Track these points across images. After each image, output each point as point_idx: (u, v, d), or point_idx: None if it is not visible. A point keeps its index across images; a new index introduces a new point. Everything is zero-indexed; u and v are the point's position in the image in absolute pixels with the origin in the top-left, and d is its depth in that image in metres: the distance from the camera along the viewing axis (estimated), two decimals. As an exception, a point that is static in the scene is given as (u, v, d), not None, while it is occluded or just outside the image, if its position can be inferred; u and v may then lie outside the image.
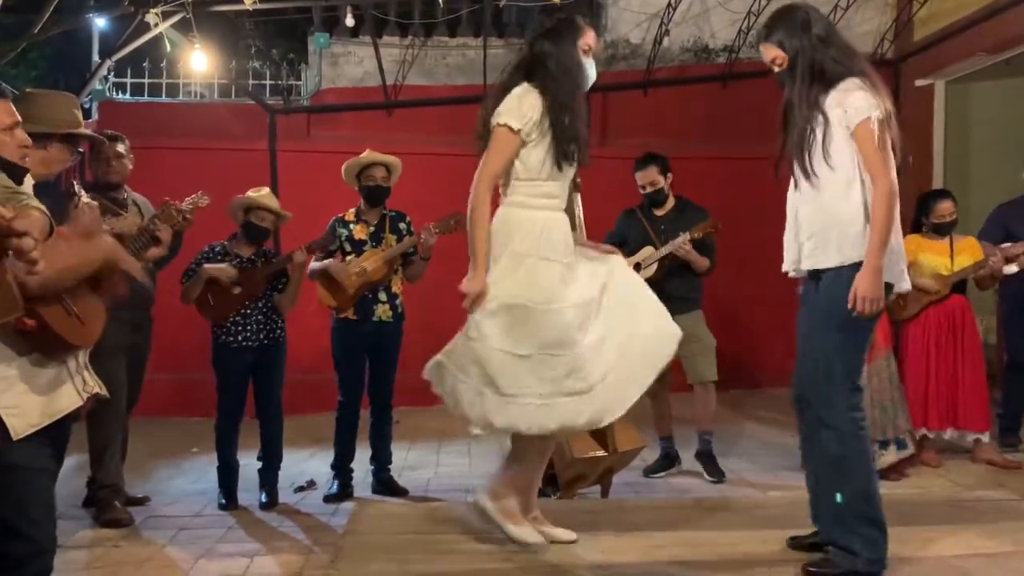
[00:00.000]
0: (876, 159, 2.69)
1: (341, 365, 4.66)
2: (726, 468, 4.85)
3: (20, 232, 1.73)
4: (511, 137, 2.84)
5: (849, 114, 2.71)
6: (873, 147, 2.68)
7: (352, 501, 4.49)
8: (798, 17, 2.83)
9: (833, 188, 2.74)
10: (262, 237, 4.54)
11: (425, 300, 5.16)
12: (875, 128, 2.68)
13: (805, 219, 2.83)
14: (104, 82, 7.43)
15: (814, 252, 2.80)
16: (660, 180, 4.84)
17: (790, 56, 2.80)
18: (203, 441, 5.52)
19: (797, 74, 2.78)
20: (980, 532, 3.22)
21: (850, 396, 2.76)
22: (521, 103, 2.85)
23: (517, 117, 2.83)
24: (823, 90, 2.76)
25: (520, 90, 2.88)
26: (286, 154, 7.14)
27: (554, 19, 3.00)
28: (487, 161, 2.88)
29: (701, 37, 7.97)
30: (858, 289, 2.66)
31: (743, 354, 6.99)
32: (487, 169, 2.87)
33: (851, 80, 2.74)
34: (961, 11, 6.92)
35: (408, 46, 7.68)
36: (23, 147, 2.36)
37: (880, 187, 2.67)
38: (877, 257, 2.66)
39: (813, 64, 2.76)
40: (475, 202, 2.86)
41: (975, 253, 4.90)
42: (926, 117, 7.64)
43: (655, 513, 3.56)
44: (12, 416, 2.17)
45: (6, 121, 2.32)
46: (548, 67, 2.89)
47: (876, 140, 2.68)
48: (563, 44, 2.93)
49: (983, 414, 4.92)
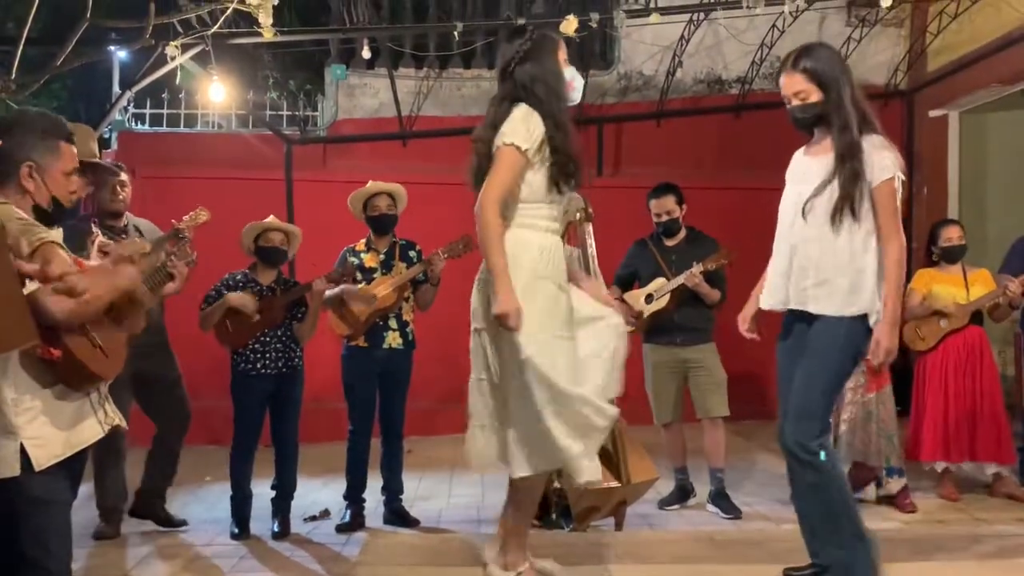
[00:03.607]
0: (894, 218, 2.76)
1: (352, 393, 4.67)
2: (739, 501, 4.79)
3: (55, 277, 1.77)
4: (518, 157, 2.74)
5: (875, 171, 2.74)
6: (893, 206, 2.75)
7: (364, 531, 4.48)
8: (837, 57, 2.84)
9: (853, 238, 2.76)
10: (278, 259, 4.55)
11: (436, 328, 5.16)
12: (898, 188, 2.76)
13: (813, 261, 2.81)
14: (124, 113, 7.55)
15: (818, 296, 2.81)
16: (676, 210, 4.85)
17: (826, 92, 2.76)
18: (215, 469, 5.53)
19: (844, 112, 2.75)
20: (1001, 568, 3.17)
21: (822, 433, 2.82)
22: (527, 123, 2.75)
23: (524, 137, 2.74)
24: (860, 134, 2.76)
25: (522, 111, 2.77)
26: (302, 184, 7.21)
27: (527, 40, 2.86)
28: (494, 182, 2.75)
29: (714, 69, 8.02)
30: (882, 342, 2.74)
31: (755, 385, 6.94)
32: (495, 190, 2.74)
33: (878, 137, 2.78)
34: (975, 42, 6.93)
35: (423, 78, 7.76)
36: (73, 193, 2.43)
37: (896, 246, 2.75)
38: (895, 312, 2.75)
39: (855, 103, 2.76)
40: (487, 222, 2.73)
41: (988, 284, 4.87)
42: (940, 148, 7.64)
43: (669, 546, 3.52)
44: (36, 447, 2.18)
45: (69, 166, 2.40)
46: (537, 91, 2.79)
47: (898, 200, 2.75)
48: (545, 63, 2.84)
49: (1003, 446, 4.86)
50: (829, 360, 2.80)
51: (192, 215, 3.93)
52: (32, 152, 2.32)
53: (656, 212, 4.88)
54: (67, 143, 2.40)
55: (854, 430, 4.64)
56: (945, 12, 7.09)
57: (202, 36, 5.39)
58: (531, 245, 2.79)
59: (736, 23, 7.49)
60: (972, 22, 6.89)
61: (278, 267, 4.59)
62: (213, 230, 4.31)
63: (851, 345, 2.81)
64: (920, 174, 7.75)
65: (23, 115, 2.48)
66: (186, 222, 3.87)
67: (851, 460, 4.64)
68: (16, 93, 4.73)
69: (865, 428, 4.62)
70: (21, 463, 2.15)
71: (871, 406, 4.63)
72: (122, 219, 4.33)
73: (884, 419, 4.63)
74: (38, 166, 2.32)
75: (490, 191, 2.74)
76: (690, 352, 4.75)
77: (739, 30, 7.61)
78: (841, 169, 2.75)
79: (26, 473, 2.16)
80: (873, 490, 4.74)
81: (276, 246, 4.49)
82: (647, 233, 4.99)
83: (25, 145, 2.32)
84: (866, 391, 4.62)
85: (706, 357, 4.75)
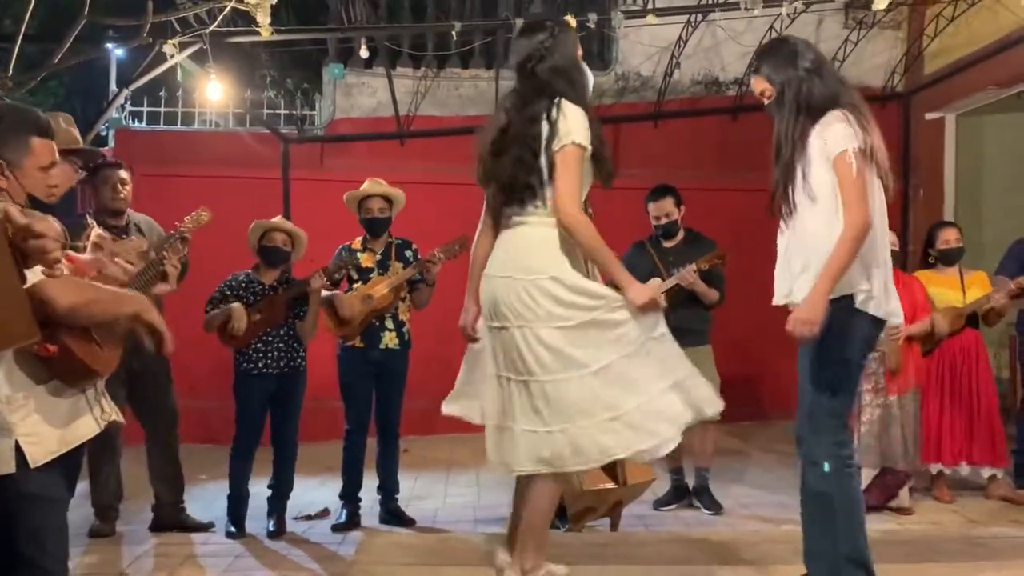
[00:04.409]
0: (851, 191, 2.62)
1: (348, 393, 4.66)
2: (736, 502, 4.80)
3: (38, 233, 1.73)
4: (584, 155, 2.68)
5: (828, 146, 2.66)
6: (850, 179, 2.62)
7: (360, 530, 4.48)
8: (786, 49, 2.82)
9: (814, 221, 2.69)
10: (279, 259, 4.53)
11: (432, 328, 5.16)
12: (852, 160, 2.61)
13: (793, 253, 2.79)
14: (121, 111, 7.53)
15: (804, 286, 2.72)
16: (675, 212, 4.84)
17: (777, 88, 2.79)
18: (211, 468, 5.52)
19: (784, 106, 2.76)
20: (995, 569, 3.17)
21: (836, 433, 2.72)
22: (585, 121, 2.68)
23: (585, 136, 2.67)
24: (810, 123, 2.71)
25: (578, 110, 2.69)
26: (299, 183, 7.21)
27: (549, 33, 2.78)
28: (570, 186, 2.65)
29: (712, 70, 8.03)
30: (796, 311, 2.63)
31: (751, 386, 6.96)
32: (575, 192, 2.66)
33: (833, 113, 2.70)
34: (972, 45, 6.95)
35: (421, 77, 7.76)
36: (52, 187, 2.37)
37: (850, 216, 2.60)
38: (825, 282, 2.60)
39: (799, 96, 2.73)
40: (580, 224, 2.66)
41: (985, 287, 4.88)
42: (937, 151, 7.66)
43: (665, 547, 3.53)
44: (31, 444, 2.16)
45: (44, 160, 2.32)
46: (577, 89, 2.74)
47: (854, 171, 2.62)
48: (572, 57, 2.79)
49: (998, 449, 4.87)
50: (822, 352, 2.69)
51: (194, 216, 3.91)
52: (5, 149, 2.24)
53: (655, 215, 4.87)
54: (40, 137, 2.31)
55: (877, 434, 4.53)
56: (942, 15, 7.11)
57: (200, 34, 5.38)
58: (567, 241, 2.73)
59: (734, 24, 7.49)
60: (969, 25, 6.91)
61: (279, 268, 4.57)
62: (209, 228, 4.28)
63: (844, 332, 2.67)
64: (917, 177, 7.77)
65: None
66: (188, 224, 3.84)
67: (879, 465, 4.55)
68: (13, 90, 4.72)
69: (888, 432, 4.52)
70: (16, 460, 2.14)
71: (893, 408, 4.54)
72: (123, 217, 4.32)
73: (908, 423, 4.54)
74: (8, 163, 2.24)
75: (570, 197, 2.66)
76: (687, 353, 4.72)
77: (737, 32, 7.62)
78: (777, 162, 2.76)
79: (21, 470, 2.14)
80: (907, 495, 4.59)
81: (278, 246, 4.49)
82: (644, 234, 4.99)
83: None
84: (887, 393, 4.54)
85: (702, 359, 4.72)
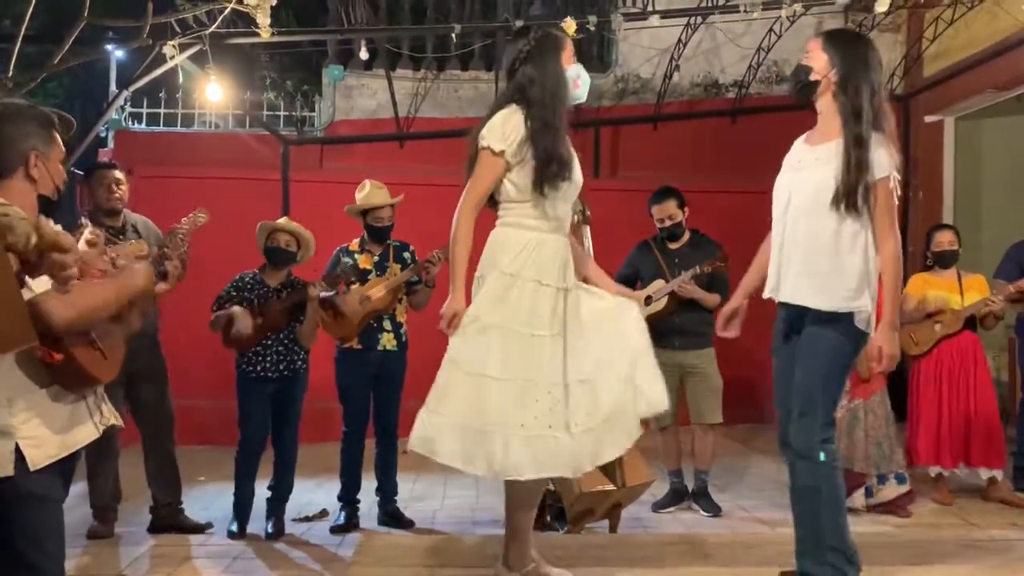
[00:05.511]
0: (889, 216, 2.73)
1: (346, 395, 4.66)
2: (736, 504, 4.80)
3: (64, 247, 1.73)
4: (493, 159, 2.79)
5: (874, 169, 2.68)
6: (890, 204, 2.72)
7: (358, 532, 4.47)
8: (864, 50, 2.76)
9: (841, 232, 2.71)
10: (282, 260, 4.52)
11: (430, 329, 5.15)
12: (893, 187, 2.71)
13: (793, 251, 2.79)
14: (120, 112, 7.54)
15: (803, 289, 2.76)
16: (678, 214, 4.83)
17: (837, 78, 2.73)
18: (209, 469, 5.52)
19: (855, 104, 2.69)
20: (995, 572, 3.17)
21: (825, 430, 2.78)
22: (504, 125, 2.79)
23: (499, 139, 2.78)
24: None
25: (504, 112, 2.82)
26: (299, 184, 7.21)
27: (530, 40, 2.87)
28: (472, 185, 2.83)
29: (711, 72, 8.04)
30: (884, 348, 2.73)
31: (751, 389, 6.95)
32: (471, 192, 2.83)
33: (881, 134, 2.72)
34: (971, 48, 6.97)
35: (421, 79, 7.77)
36: (62, 181, 2.39)
37: (890, 247, 2.73)
38: (892, 314, 2.73)
39: (872, 104, 2.70)
40: (457, 223, 2.81)
41: (983, 290, 4.89)
42: (936, 153, 7.67)
43: (664, 548, 3.52)
44: (31, 447, 2.16)
45: (62, 154, 2.36)
46: (530, 93, 2.81)
47: (895, 198, 2.72)
48: (546, 63, 2.84)
49: (996, 451, 4.87)
50: (822, 357, 2.75)
51: (191, 217, 3.92)
52: (37, 140, 2.30)
53: (659, 217, 4.85)
54: (56, 131, 2.38)
55: (838, 436, 4.56)
56: (941, 18, 7.12)
57: (199, 36, 5.38)
58: (510, 244, 2.81)
59: (733, 27, 7.51)
60: (968, 28, 6.92)
61: (284, 269, 4.57)
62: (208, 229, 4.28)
63: (843, 342, 2.74)
64: (916, 179, 7.77)
65: (15, 105, 2.41)
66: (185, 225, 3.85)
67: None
68: (13, 91, 4.71)
69: (850, 434, 4.53)
70: (16, 463, 2.15)
71: (858, 412, 4.57)
72: (119, 217, 4.32)
73: (873, 426, 4.56)
74: (42, 154, 2.29)
75: (466, 197, 2.84)
76: (688, 356, 4.74)
77: (736, 34, 7.63)
78: (847, 159, 2.68)
79: (21, 473, 2.15)
80: (861, 498, 4.60)
81: (281, 247, 4.48)
82: (645, 235, 4.98)
83: (29, 134, 2.30)
84: (851, 397, 4.54)
85: (704, 362, 4.74)
